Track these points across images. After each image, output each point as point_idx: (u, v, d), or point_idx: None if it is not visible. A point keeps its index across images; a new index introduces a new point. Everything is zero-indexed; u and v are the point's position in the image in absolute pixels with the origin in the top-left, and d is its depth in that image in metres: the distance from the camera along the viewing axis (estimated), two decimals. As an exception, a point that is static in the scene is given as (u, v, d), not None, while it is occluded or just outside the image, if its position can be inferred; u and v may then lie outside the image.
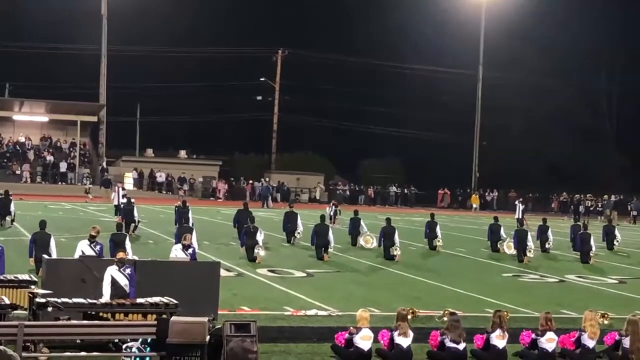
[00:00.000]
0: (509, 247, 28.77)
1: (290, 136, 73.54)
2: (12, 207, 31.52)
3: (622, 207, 59.78)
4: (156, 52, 70.24)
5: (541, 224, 30.94)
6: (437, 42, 73.72)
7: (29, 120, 64.24)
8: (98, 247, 18.14)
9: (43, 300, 12.59)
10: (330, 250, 25.64)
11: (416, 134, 74.23)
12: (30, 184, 58.26)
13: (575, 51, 74.79)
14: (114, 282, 13.98)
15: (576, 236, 30.01)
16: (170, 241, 25.85)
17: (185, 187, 62.14)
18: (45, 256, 16.99)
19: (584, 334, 13.30)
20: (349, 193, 67.00)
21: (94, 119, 64.12)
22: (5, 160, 61.08)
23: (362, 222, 29.97)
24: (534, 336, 13.35)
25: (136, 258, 16.73)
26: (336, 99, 74.58)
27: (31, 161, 61.39)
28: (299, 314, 16.27)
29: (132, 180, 61.26)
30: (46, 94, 64.56)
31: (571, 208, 59.05)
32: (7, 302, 13.08)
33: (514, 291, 20.95)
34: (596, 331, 13.38)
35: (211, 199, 61.46)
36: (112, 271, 14.08)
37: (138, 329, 11.98)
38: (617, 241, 33.00)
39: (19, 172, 59.72)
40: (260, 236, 24.68)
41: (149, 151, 69.21)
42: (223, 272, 18.19)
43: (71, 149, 63.34)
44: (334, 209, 39.60)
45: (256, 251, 23.97)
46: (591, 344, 13.32)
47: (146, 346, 11.67)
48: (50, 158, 61.53)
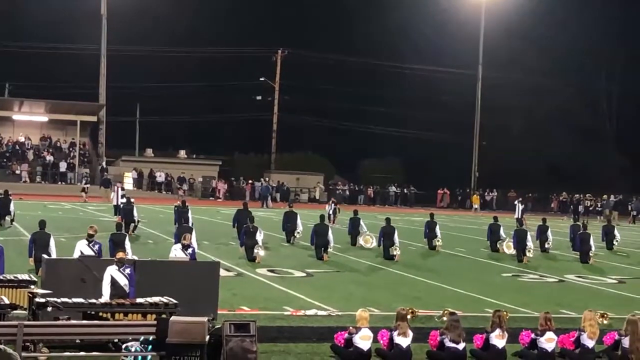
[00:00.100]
0: (508, 247, 28.77)
1: (290, 136, 73.50)
2: (12, 207, 31.51)
3: (623, 207, 59.81)
4: (156, 52, 70.26)
5: (541, 223, 30.94)
6: (437, 42, 73.76)
7: (28, 120, 64.18)
8: (96, 247, 18.15)
9: (43, 300, 12.59)
10: (329, 250, 25.61)
11: (416, 134, 74.25)
12: (30, 183, 58.17)
13: (574, 51, 74.86)
14: (113, 282, 13.97)
15: (576, 236, 30.02)
16: (169, 241, 25.84)
17: (185, 187, 62.10)
18: (45, 256, 16.99)
19: (583, 333, 13.30)
20: (348, 193, 66.97)
21: (94, 118, 64.07)
22: (4, 160, 61.01)
23: (361, 222, 29.95)
24: (533, 336, 13.35)
25: (136, 258, 16.72)
26: (336, 99, 74.61)
27: (31, 161, 61.38)
28: (298, 313, 16.26)
29: (131, 180, 61.19)
30: (46, 93, 64.53)
31: (571, 208, 59.03)
32: (7, 302, 13.08)
33: (513, 291, 20.95)
34: (595, 331, 13.37)
35: (211, 198, 61.44)
36: (111, 271, 14.07)
37: (138, 328, 11.97)
38: (617, 241, 33.02)
39: (18, 172, 59.71)
40: (259, 236, 24.67)
41: (149, 151, 69.16)
42: (223, 272, 18.20)
43: (71, 149, 63.28)
44: (333, 207, 39.66)
45: (256, 251, 23.96)
46: (590, 343, 13.31)
47: (146, 346, 11.66)
48: (49, 158, 61.45)
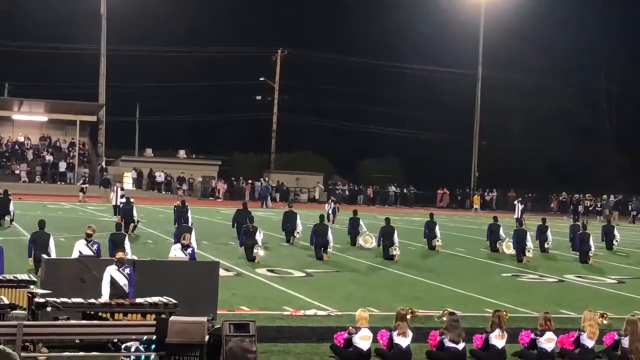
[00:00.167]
0: (508, 247, 28.77)
1: (289, 136, 73.51)
2: (12, 207, 31.49)
3: (623, 207, 59.81)
4: (156, 52, 70.28)
5: (540, 223, 30.93)
6: (437, 42, 73.77)
7: (28, 119, 64.18)
8: (95, 246, 18.12)
9: (42, 300, 12.58)
10: (329, 250, 25.59)
11: (416, 134, 74.27)
12: (29, 183, 58.14)
13: (574, 51, 74.86)
14: (113, 282, 13.96)
15: (575, 236, 30.01)
16: (169, 241, 25.84)
17: (185, 187, 62.11)
18: (45, 256, 16.98)
19: (583, 333, 13.29)
20: (348, 193, 66.97)
21: (93, 118, 64.06)
22: (4, 160, 61.01)
23: (361, 221, 29.94)
24: (533, 336, 13.34)
25: (135, 258, 16.71)
26: (336, 99, 74.63)
27: (30, 161, 61.37)
28: (298, 313, 16.26)
29: (131, 180, 61.18)
30: (45, 93, 64.54)
31: (570, 208, 59.03)
32: (6, 301, 13.07)
33: (513, 291, 20.94)
34: (595, 331, 13.36)
35: (210, 198, 61.44)
36: (111, 271, 14.06)
37: (137, 328, 11.97)
38: (617, 241, 33.01)
39: (18, 172, 59.69)
40: (259, 236, 24.67)
41: (148, 151, 69.15)
42: (222, 272, 18.20)
43: (70, 149, 63.27)
44: (332, 206, 39.65)
45: (255, 251, 23.95)
46: (590, 343, 13.30)
47: (146, 346, 11.65)
48: (49, 158, 61.44)
